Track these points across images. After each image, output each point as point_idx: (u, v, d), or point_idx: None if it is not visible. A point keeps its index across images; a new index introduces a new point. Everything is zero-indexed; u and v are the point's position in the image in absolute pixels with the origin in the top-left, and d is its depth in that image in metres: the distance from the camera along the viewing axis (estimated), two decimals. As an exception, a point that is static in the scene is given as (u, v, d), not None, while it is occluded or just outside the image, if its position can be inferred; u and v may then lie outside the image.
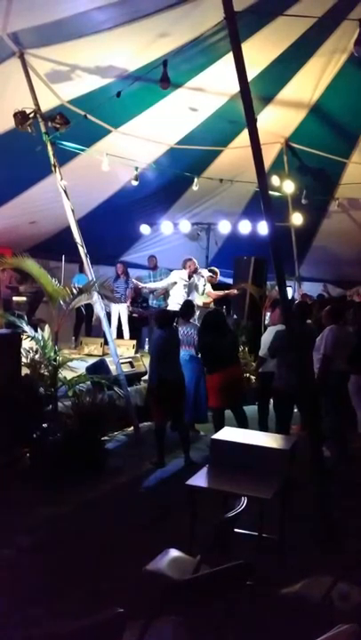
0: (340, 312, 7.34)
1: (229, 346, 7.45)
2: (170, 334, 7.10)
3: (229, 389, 7.23)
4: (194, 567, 3.20)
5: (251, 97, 4.93)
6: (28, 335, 6.91)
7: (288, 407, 6.89)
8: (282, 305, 6.21)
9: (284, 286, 5.40)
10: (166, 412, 6.98)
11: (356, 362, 6.83)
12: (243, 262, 12.12)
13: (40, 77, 7.43)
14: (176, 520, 4.88)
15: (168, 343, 6.99)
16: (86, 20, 6.47)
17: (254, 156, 5.00)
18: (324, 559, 4.32)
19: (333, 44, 7.50)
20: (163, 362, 6.89)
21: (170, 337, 7.07)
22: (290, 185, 10.93)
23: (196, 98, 8.67)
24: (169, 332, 7.10)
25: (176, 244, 13.59)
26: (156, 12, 6.45)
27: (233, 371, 7.39)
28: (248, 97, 4.89)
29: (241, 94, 4.91)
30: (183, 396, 7.14)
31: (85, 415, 6.58)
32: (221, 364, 7.27)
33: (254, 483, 4.16)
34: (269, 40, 7.27)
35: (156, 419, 7.09)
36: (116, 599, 3.39)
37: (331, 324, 6.97)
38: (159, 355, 6.93)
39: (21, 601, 3.69)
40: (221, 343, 7.28)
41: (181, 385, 7.06)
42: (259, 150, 5.00)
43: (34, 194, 10.06)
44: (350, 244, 12.77)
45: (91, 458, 6.36)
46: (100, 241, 10.09)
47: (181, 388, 7.05)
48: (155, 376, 6.90)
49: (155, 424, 7.15)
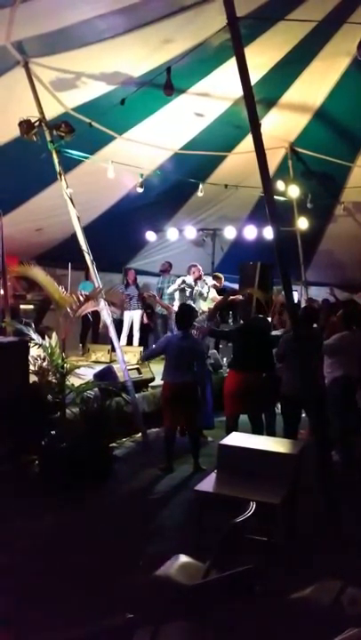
0: (354, 317, 7.31)
1: (256, 352, 7.24)
2: (183, 337, 7.07)
3: (243, 396, 7.08)
4: (203, 572, 3.20)
5: (254, 101, 4.95)
6: (36, 343, 6.92)
7: (295, 412, 6.87)
8: (288, 310, 6.22)
9: (291, 291, 5.40)
10: (176, 418, 6.96)
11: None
12: (249, 267, 12.13)
13: (45, 86, 7.46)
14: (185, 525, 4.88)
15: (180, 346, 6.96)
16: (90, 28, 6.50)
17: (259, 161, 5.02)
18: (333, 564, 4.30)
19: (336, 48, 7.50)
20: (172, 366, 6.89)
21: (182, 340, 7.04)
22: (295, 189, 10.92)
23: (200, 103, 8.68)
24: (183, 334, 7.08)
25: (182, 251, 13.60)
26: (159, 19, 6.48)
27: (248, 377, 7.10)
28: (251, 101, 4.91)
29: (244, 98, 4.93)
30: (195, 402, 7.04)
31: (93, 422, 6.57)
32: (240, 367, 7.21)
33: (262, 488, 4.16)
34: (272, 44, 7.28)
35: (166, 424, 7.08)
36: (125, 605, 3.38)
37: (344, 330, 6.97)
38: (170, 358, 6.93)
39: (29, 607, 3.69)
40: (249, 347, 7.23)
41: (193, 390, 6.98)
42: (263, 155, 5.02)
43: (40, 202, 10.09)
44: (356, 248, 12.74)
45: (99, 464, 6.36)
46: (107, 248, 10.10)
47: (193, 394, 6.98)
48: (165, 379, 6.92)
49: (164, 429, 7.13)
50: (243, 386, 7.04)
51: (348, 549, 4.67)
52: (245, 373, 7.07)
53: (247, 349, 7.18)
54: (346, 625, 2.28)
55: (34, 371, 6.84)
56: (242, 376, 7.08)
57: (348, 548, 4.70)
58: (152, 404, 8.36)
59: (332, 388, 6.89)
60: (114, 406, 7.08)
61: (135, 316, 12.70)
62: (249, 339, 7.24)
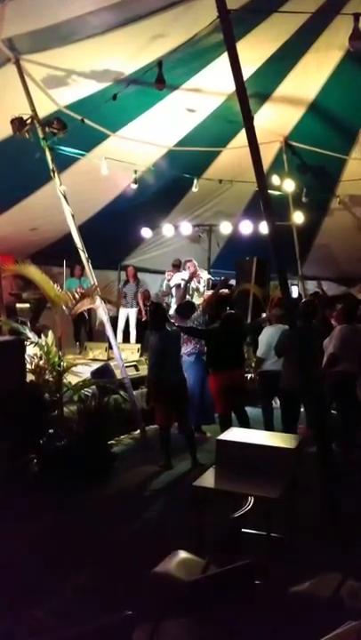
0: (353, 311, 7.30)
1: (235, 349, 7.42)
2: (167, 335, 7.03)
3: (230, 392, 7.20)
4: (202, 568, 3.19)
5: (247, 95, 4.92)
6: (32, 341, 6.90)
7: (294, 407, 6.86)
8: (285, 304, 6.20)
9: (287, 286, 5.38)
10: (168, 415, 6.95)
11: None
12: (245, 263, 12.13)
13: (36, 83, 7.42)
14: (184, 521, 4.87)
15: (165, 344, 6.94)
16: (81, 23, 6.47)
17: (252, 155, 4.99)
18: (332, 557, 4.29)
19: (329, 40, 7.47)
20: (161, 364, 6.86)
21: (167, 338, 7.01)
22: (290, 184, 10.90)
23: (193, 99, 8.65)
24: (165, 333, 7.04)
25: (178, 247, 13.60)
26: (150, 13, 6.44)
27: (234, 374, 7.33)
28: (244, 95, 4.88)
29: (237, 93, 4.90)
30: (185, 399, 7.06)
31: (91, 420, 6.57)
32: (224, 366, 7.25)
33: (261, 482, 4.15)
34: (264, 37, 7.24)
35: (159, 422, 7.07)
36: (124, 602, 3.37)
37: (343, 323, 6.94)
38: (157, 357, 6.90)
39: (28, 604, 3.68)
40: (229, 346, 7.26)
41: (182, 387, 7.01)
42: (257, 149, 4.99)
43: (34, 201, 10.06)
44: (352, 241, 12.71)
45: (97, 462, 6.35)
46: (102, 246, 10.07)
47: (182, 391, 7.00)
48: (153, 379, 6.91)
49: (159, 428, 7.13)
50: (229, 384, 7.21)
51: (348, 543, 4.65)
52: (229, 372, 7.25)
53: (226, 348, 7.29)
54: (345, 618, 2.27)
55: (31, 369, 6.84)
56: (227, 375, 7.24)
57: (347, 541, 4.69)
58: (146, 400, 8.35)
59: (331, 382, 6.87)
60: (112, 404, 7.08)
61: (131, 313, 12.71)
62: (227, 338, 7.32)
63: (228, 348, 7.27)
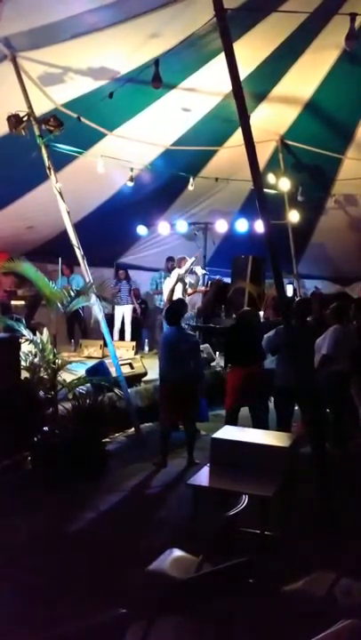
0: (345, 311, 7.32)
1: (250, 346, 7.31)
2: (177, 332, 7.04)
3: (242, 389, 7.15)
4: (196, 566, 3.20)
5: (243, 94, 4.92)
6: (27, 339, 6.90)
7: (288, 405, 6.87)
8: (280, 302, 6.21)
9: (282, 284, 5.40)
10: (172, 413, 6.94)
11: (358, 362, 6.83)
12: (241, 261, 12.14)
13: (33, 80, 7.40)
14: (178, 519, 4.88)
15: (174, 342, 6.93)
16: (78, 21, 6.45)
17: (248, 154, 4.99)
18: (326, 556, 4.31)
19: (325, 40, 7.48)
20: (164, 358, 6.87)
21: (176, 335, 7.01)
22: (286, 182, 10.91)
23: (190, 98, 8.65)
24: (176, 329, 7.05)
25: (174, 245, 13.57)
26: (147, 12, 6.43)
27: (249, 370, 7.21)
28: (240, 94, 4.89)
29: (233, 92, 4.90)
30: (192, 397, 6.98)
31: (86, 417, 6.56)
32: (239, 362, 7.27)
33: (255, 481, 4.17)
34: (261, 37, 7.25)
35: (163, 420, 7.07)
36: (118, 600, 3.38)
37: (335, 323, 6.96)
38: (160, 351, 6.91)
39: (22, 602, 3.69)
40: (244, 342, 7.28)
41: (190, 385, 6.92)
42: (253, 148, 5.00)
43: (31, 198, 10.04)
44: (347, 241, 12.75)
45: (92, 460, 6.35)
46: (98, 243, 10.06)
47: (190, 389, 6.92)
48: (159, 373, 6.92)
49: (161, 425, 7.12)
50: (243, 380, 7.15)
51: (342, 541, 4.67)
52: (244, 368, 7.20)
53: (241, 345, 7.28)
54: (340, 616, 2.28)
55: (25, 367, 6.82)
56: (241, 371, 7.20)
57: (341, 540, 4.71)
58: (145, 398, 8.36)
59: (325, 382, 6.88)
60: (107, 402, 7.08)
61: (126, 311, 12.76)
62: (242, 334, 7.33)
63: (242, 345, 7.27)
